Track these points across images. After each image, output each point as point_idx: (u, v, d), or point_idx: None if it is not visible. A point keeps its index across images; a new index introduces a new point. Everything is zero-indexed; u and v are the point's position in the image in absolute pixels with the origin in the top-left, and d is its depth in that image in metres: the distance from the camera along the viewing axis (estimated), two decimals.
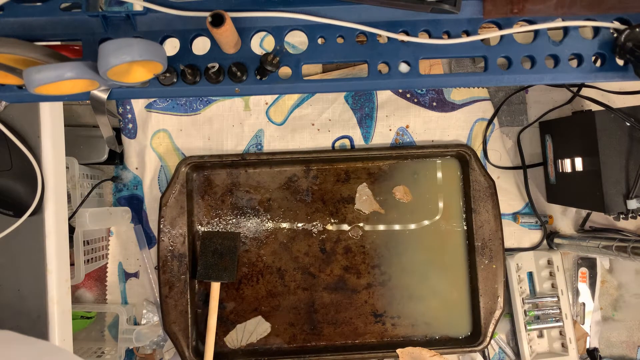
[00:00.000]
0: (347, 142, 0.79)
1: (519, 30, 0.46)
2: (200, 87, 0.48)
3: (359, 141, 0.79)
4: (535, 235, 0.80)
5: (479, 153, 0.79)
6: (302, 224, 0.77)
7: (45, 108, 0.57)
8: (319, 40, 0.47)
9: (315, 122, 0.79)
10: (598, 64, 0.48)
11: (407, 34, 0.47)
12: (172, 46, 0.47)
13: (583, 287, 0.80)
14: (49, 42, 0.47)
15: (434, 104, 0.79)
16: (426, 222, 0.77)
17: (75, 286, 0.78)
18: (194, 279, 0.74)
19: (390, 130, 0.79)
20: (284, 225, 0.77)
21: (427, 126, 0.79)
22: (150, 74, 0.44)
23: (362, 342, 0.75)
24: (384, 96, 0.79)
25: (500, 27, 0.47)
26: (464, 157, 0.76)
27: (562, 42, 0.47)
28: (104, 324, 0.79)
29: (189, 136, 0.78)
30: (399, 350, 0.72)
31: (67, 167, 0.62)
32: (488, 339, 0.73)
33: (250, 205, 0.77)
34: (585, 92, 0.76)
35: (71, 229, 0.65)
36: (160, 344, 0.77)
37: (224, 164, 0.76)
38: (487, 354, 0.78)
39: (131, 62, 0.39)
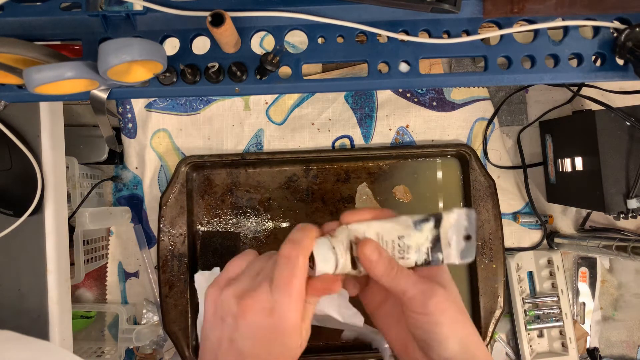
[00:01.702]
0: (347, 141, 0.79)
1: (519, 29, 0.46)
2: (200, 87, 0.48)
3: (359, 141, 0.79)
4: (535, 235, 0.80)
5: (479, 153, 0.79)
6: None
7: (45, 108, 0.57)
8: (319, 40, 0.47)
9: (315, 122, 0.79)
10: (598, 63, 0.48)
11: (407, 33, 0.47)
12: (172, 46, 0.47)
13: (583, 287, 0.80)
14: (49, 41, 0.47)
15: (434, 103, 0.79)
16: None
17: (75, 286, 0.78)
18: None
19: (390, 129, 0.79)
20: (284, 225, 0.77)
21: (427, 126, 0.79)
22: (150, 74, 0.44)
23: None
24: (384, 96, 0.79)
25: (500, 27, 0.47)
26: (464, 157, 0.76)
27: (562, 42, 0.47)
28: (104, 324, 0.79)
29: (189, 136, 0.78)
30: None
31: (67, 167, 0.62)
32: (488, 338, 0.73)
33: (250, 205, 0.77)
34: (585, 91, 0.76)
35: (71, 229, 0.65)
36: (160, 343, 0.77)
37: (224, 163, 0.76)
38: None
39: (131, 62, 0.39)
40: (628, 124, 0.62)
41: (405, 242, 0.40)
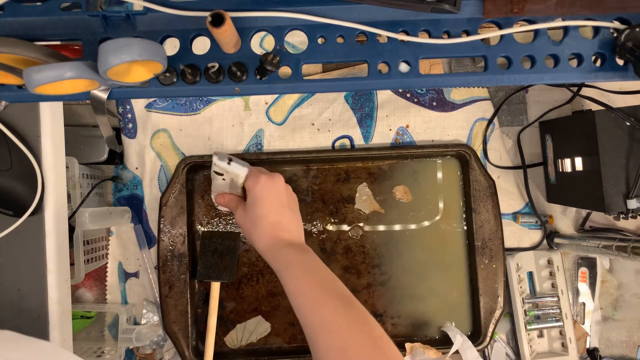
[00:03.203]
0: (347, 141, 0.79)
1: (519, 30, 0.47)
2: (200, 87, 0.48)
3: (358, 141, 0.79)
4: (535, 235, 0.80)
5: (479, 153, 0.79)
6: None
7: (45, 108, 0.57)
8: (319, 40, 0.47)
9: (315, 122, 0.79)
10: (598, 63, 0.48)
11: (407, 33, 0.47)
12: (172, 46, 0.47)
13: (583, 287, 0.80)
14: (49, 42, 0.47)
15: (434, 103, 0.79)
16: (426, 222, 0.77)
17: (75, 286, 0.78)
18: (194, 278, 0.74)
19: (390, 130, 0.79)
20: None
21: (427, 126, 0.79)
22: (150, 74, 0.44)
23: None
24: (383, 96, 0.79)
25: (500, 27, 0.47)
26: (464, 157, 0.76)
27: (562, 42, 0.47)
28: (104, 324, 0.79)
29: (189, 136, 0.78)
30: (407, 345, 0.72)
31: (67, 167, 0.62)
32: (488, 338, 0.73)
33: None
34: (585, 91, 0.76)
35: (71, 229, 0.65)
36: (160, 343, 0.77)
37: None
38: (487, 354, 0.78)
39: (131, 62, 0.39)
40: (628, 124, 0.62)
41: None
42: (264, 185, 0.60)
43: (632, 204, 0.61)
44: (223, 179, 0.65)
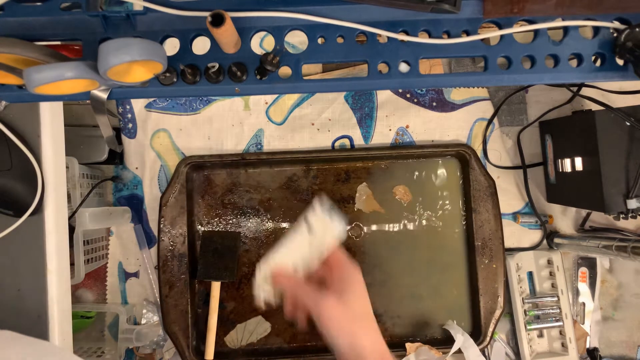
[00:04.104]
0: (347, 141, 0.79)
1: (519, 30, 0.46)
2: (200, 87, 0.48)
3: (358, 141, 0.79)
4: (535, 235, 0.80)
5: (479, 153, 0.79)
6: None
7: (45, 108, 0.57)
8: (319, 40, 0.47)
9: (315, 122, 0.79)
10: (598, 63, 0.48)
11: (407, 33, 0.47)
12: (172, 46, 0.47)
13: (583, 287, 0.80)
14: (49, 41, 0.47)
15: (434, 104, 0.79)
16: (426, 222, 0.77)
17: (75, 286, 0.78)
18: (194, 278, 0.74)
19: (390, 130, 0.79)
20: (284, 225, 0.77)
21: (427, 126, 0.79)
22: (150, 74, 0.44)
23: None
24: (383, 96, 0.79)
25: (500, 27, 0.47)
26: (464, 157, 0.76)
27: (562, 42, 0.47)
28: (104, 324, 0.79)
29: (189, 136, 0.78)
30: (408, 345, 0.72)
31: (67, 167, 0.62)
32: (488, 338, 0.73)
33: (251, 205, 0.77)
34: (585, 91, 0.76)
35: (71, 229, 0.65)
36: (160, 343, 0.77)
37: (224, 163, 0.76)
38: (487, 354, 0.78)
39: (131, 62, 0.39)
40: (628, 124, 0.62)
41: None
42: (357, 272, 0.48)
43: (632, 204, 0.61)
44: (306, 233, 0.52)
